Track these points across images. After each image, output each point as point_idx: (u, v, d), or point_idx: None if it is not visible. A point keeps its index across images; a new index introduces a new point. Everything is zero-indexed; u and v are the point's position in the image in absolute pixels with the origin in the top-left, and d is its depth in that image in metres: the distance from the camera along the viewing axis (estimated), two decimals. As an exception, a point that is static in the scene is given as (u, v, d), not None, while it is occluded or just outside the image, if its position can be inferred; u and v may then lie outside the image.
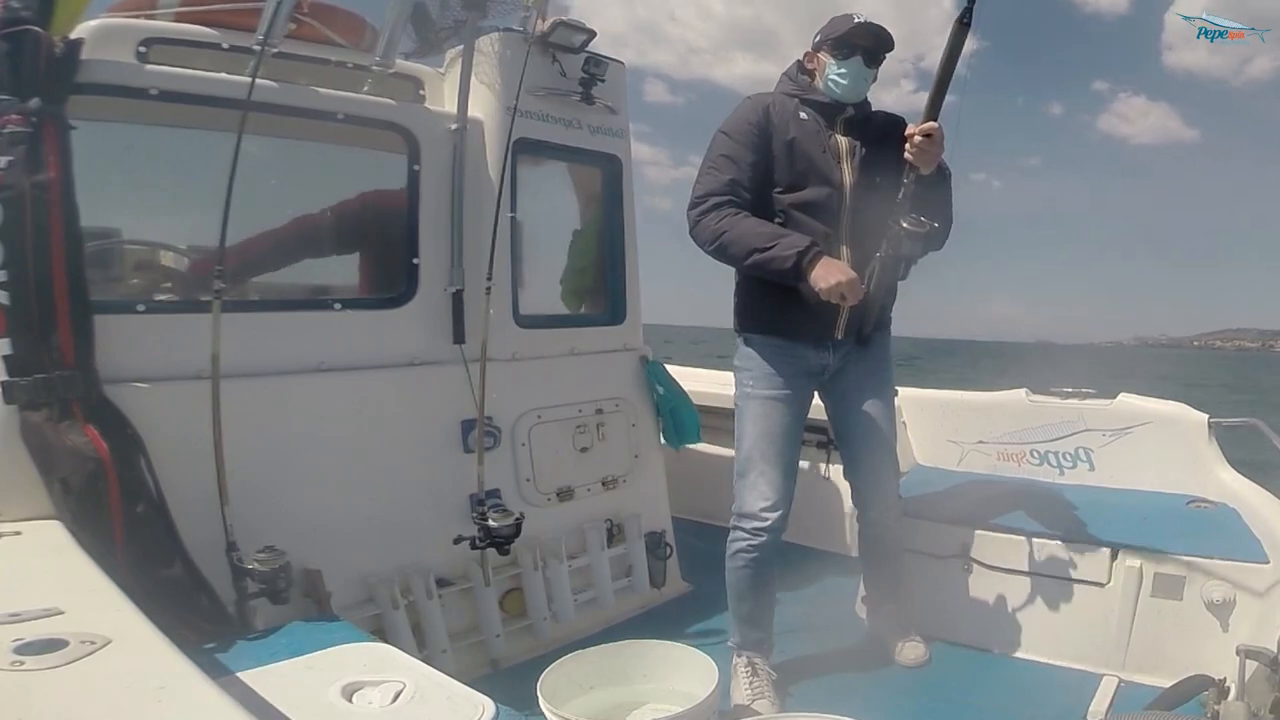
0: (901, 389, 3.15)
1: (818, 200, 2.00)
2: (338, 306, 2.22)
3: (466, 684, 1.28)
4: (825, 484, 3.14)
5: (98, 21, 1.90)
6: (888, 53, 2.05)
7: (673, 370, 3.07)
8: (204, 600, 1.71)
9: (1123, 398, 2.68)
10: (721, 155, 2.02)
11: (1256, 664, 1.44)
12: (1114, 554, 2.19)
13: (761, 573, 2.08)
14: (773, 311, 2.07)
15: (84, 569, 1.29)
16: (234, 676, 1.28)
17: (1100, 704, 2.01)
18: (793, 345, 2.08)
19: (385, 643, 1.53)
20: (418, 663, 1.39)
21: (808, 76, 2.12)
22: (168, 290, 2.25)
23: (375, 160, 2.43)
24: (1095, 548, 2.21)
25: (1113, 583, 2.18)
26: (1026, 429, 2.81)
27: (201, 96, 1.94)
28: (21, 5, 1.59)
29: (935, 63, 1.89)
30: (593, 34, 2.49)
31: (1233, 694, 1.44)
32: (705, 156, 2.10)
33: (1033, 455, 2.80)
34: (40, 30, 1.60)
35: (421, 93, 2.51)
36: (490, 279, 2.25)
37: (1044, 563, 2.28)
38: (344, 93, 2.22)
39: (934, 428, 3.03)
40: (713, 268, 2.09)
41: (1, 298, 1.56)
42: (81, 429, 1.60)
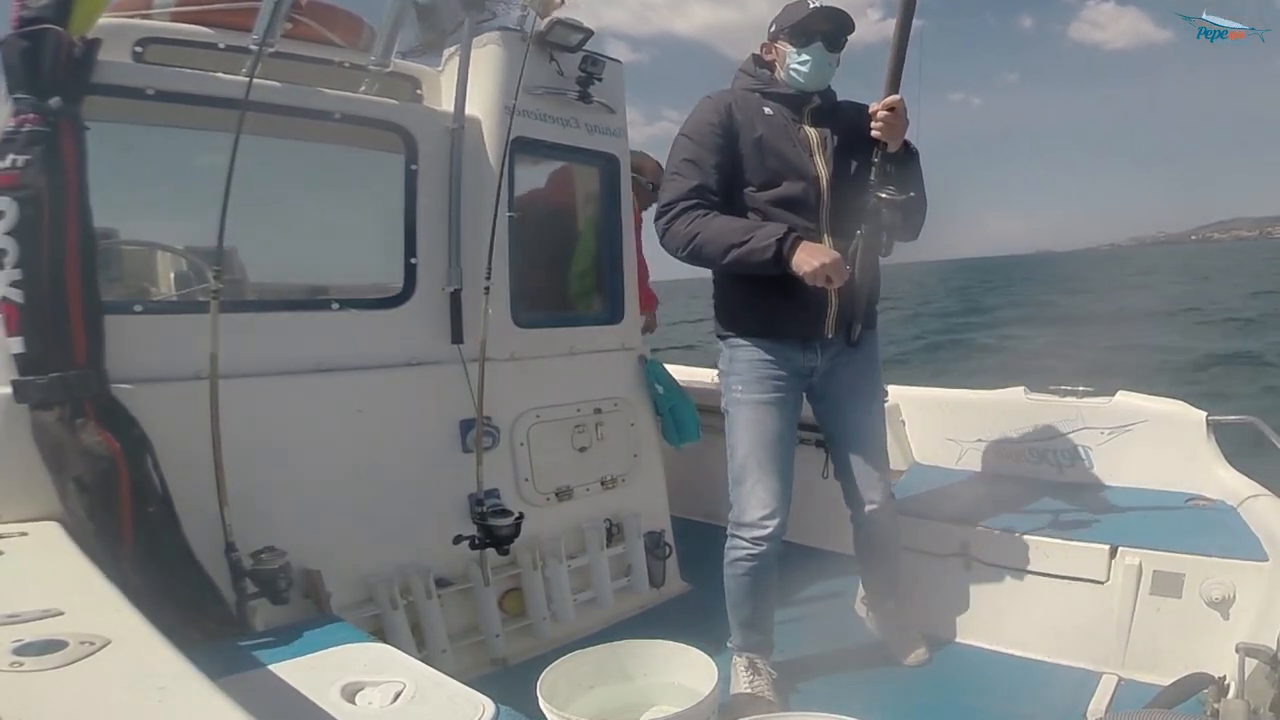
0: (901, 388, 3.15)
1: (794, 195, 1.96)
2: (336, 306, 2.22)
3: (466, 684, 1.28)
4: (825, 484, 3.12)
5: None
6: (849, 35, 2.00)
7: (673, 370, 3.07)
8: (210, 601, 1.71)
9: (1121, 395, 2.68)
10: (684, 160, 1.97)
11: (1256, 661, 1.44)
12: (1113, 552, 2.19)
13: (761, 580, 2.06)
14: (756, 313, 2.03)
15: (84, 570, 1.28)
16: (234, 677, 1.28)
17: (1100, 702, 2.01)
18: (779, 347, 2.03)
19: (385, 643, 1.52)
20: (417, 663, 1.39)
21: (767, 70, 2.07)
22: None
23: (373, 160, 2.43)
24: (1094, 546, 2.21)
25: (1112, 581, 2.18)
26: (1025, 427, 2.81)
27: (198, 96, 1.94)
28: (41, 4, 1.57)
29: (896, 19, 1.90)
30: (590, 33, 2.49)
31: (1232, 692, 1.43)
32: (668, 162, 2.05)
33: (1031, 453, 2.80)
34: (60, 30, 1.59)
35: (419, 92, 2.52)
36: (489, 278, 2.25)
37: (1043, 561, 2.28)
38: (341, 92, 2.22)
39: (932, 426, 3.03)
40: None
41: (15, 296, 1.55)
42: (95, 428, 1.60)
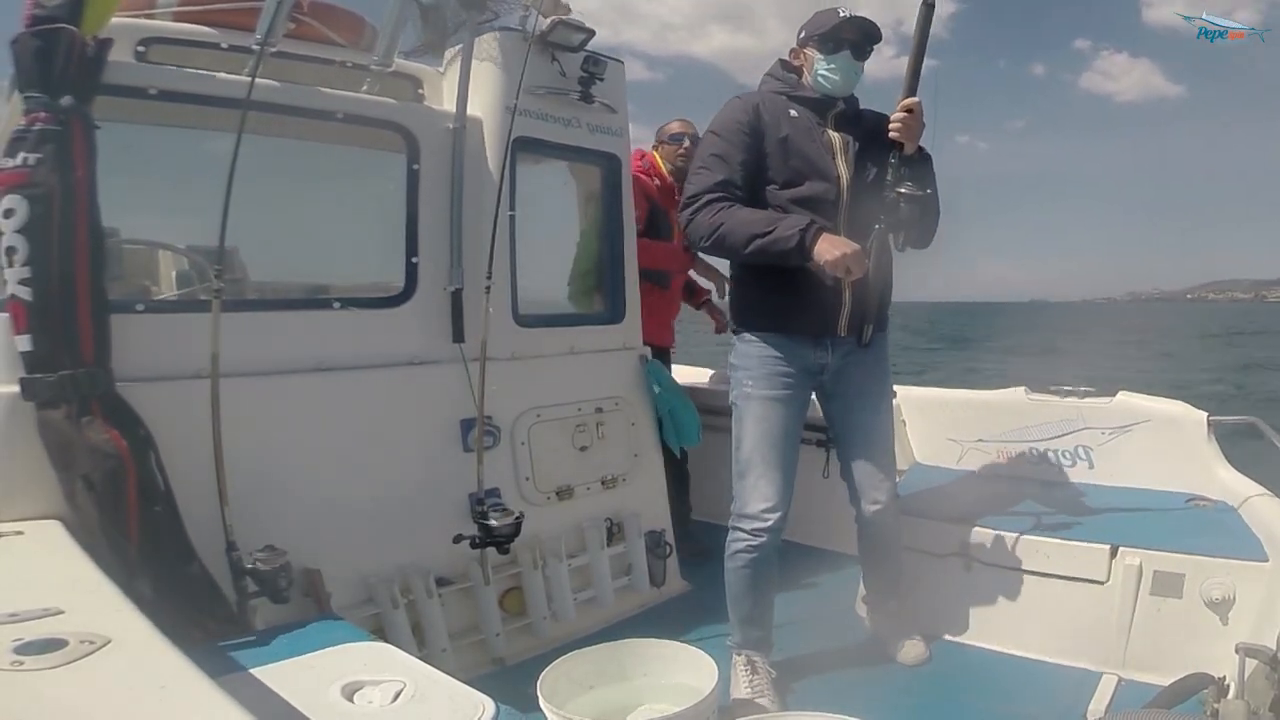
0: (901, 388, 3.14)
1: (816, 195, 2.02)
2: (337, 305, 2.22)
3: (466, 683, 1.28)
4: (825, 484, 3.13)
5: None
6: (875, 44, 2.07)
7: (674, 370, 3.07)
8: (212, 600, 1.71)
9: (1122, 396, 2.68)
10: (712, 155, 2.03)
11: (1256, 662, 1.43)
12: (1113, 552, 2.19)
13: (760, 573, 2.08)
14: (772, 306, 2.08)
15: (84, 568, 1.28)
16: (234, 676, 1.28)
17: (1100, 702, 2.01)
18: (792, 343, 2.08)
19: (385, 642, 1.52)
20: (418, 662, 1.39)
21: (795, 74, 2.14)
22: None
23: (375, 159, 2.44)
24: (1095, 546, 2.21)
25: (1112, 581, 2.18)
26: (1026, 427, 2.81)
27: (200, 96, 1.94)
28: (55, 4, 1.57)
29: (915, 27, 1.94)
30: (592, 33, 2.49)
31: (1232, 692, 1.43)
32: (695, 157, 2.11)
33: (1032, 453, 2.80)
34: (74, 29, 1.59)
35: (421, 92, 2.51)
36: (490, 278, 2.25)
37: (1043, 561, 2.28)
38: (343, 92, 2.22)
39: (933, 426, 3.03)
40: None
41: (24, 294, 1.55)
42: (102, 426, 1.60)
